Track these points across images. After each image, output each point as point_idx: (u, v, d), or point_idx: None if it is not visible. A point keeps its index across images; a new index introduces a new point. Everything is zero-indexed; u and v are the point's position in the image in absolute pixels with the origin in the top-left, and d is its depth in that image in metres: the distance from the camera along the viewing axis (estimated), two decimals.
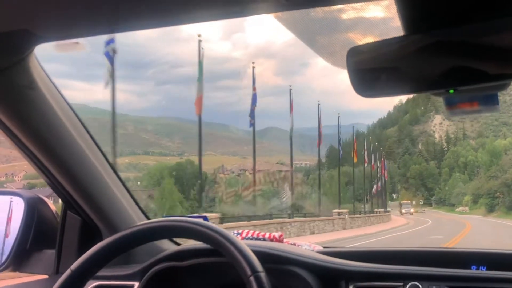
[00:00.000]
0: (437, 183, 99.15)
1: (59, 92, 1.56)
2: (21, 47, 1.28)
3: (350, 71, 1.06)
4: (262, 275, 1.17)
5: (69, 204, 1.76)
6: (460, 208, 79.19)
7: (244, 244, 1.23)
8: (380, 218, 44.49)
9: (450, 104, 1.21)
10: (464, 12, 0.97)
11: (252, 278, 1.16)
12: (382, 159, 61.41)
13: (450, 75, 0.99)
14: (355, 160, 48.32)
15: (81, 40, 1.41)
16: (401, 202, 77.97)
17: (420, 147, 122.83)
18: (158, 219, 1.34)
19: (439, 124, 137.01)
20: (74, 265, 1.25)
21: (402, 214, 63.51)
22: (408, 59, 1.03)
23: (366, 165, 52.91)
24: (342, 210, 34.13)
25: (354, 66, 1.07)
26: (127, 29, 1.16)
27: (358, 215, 39.63)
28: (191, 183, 54.50)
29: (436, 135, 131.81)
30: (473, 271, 1.53)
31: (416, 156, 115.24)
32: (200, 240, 1.30)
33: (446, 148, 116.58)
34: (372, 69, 1.08)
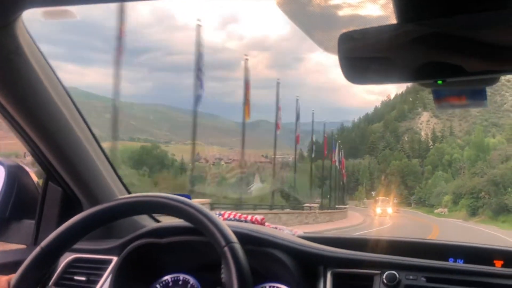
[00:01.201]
0: (419, 182, 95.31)
1: (46, 61, 1.58)
2: (8, 11, 1.30)
3: (341, 57, 1.08)
4: (237, 245, 1.22)
5: (50, 174, 1.79)
6: (439, 210, 69.92)
7: (218, 218, 1.28)
8: (307, 217, 32.26)
9: (439, 97, 1.25)
10: (458, 3, 0.98)
11: (226, 249, 1.20)
12: (338, 154, 58.75)
13: (440, 66, 1.01)
14: (312, 154, 50.29)
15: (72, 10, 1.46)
16: (377, 198, 67.71)
17: (405, 141, 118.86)
18: (136, 194, 1.38)
19: (426, 122, 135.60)
20: (44, 242, 1.27)
21: (377, 214, 52.41)
22: (400, 48, 1.05)
23: (324, 160, 54.90)
24: (202, 200, 21.73)
25: (345, 52, 1.08)
26: None
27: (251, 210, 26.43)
28: (155, 168, 55.23)
29: (422, 133, 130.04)
30: (450, 263, 1.60)
31: (398, 151, 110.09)
32: (175, 216, 1.34)
33: (432, 146, 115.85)
34: (363, 58, 1.10)
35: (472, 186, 61.12)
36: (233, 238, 1.23)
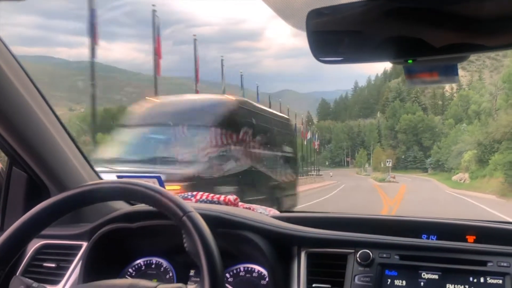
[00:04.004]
0: (437, 139, 72.72)
1: (2, 42, 1.57)
2: None
3: (309, 32, 1.09)
4: (194, 214, 1.24)
5: (14, 159, 1.77)
6: (457, 176, 43.64)
7: (170, 192, 1.31)
8: None
9: (410, 73, 1.25)
10: None
11: (184, 218, 1.22)
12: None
13: (410, 43, 1.03)
14: None
15: None
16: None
17: (426, 96, 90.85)
18: (99, 181, 1.41)
19: None
20: (10, 229, 1.24)
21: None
22: (370, 23, 1.05)
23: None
24: None
25: (313, 27, 1.10)
26: None
27: None
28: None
29: (447, 87, 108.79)
30: (423, 240, 1.62)
31: (411, 102, 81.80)
32: (135, 200, 1.40)
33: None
34: (332, 32, 1.11)
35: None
36: (190, 208, 1.23)
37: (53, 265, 1.72)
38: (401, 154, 76.85)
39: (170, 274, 1.71)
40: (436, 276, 1.46)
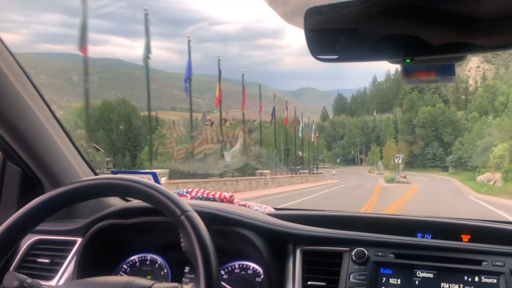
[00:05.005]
0: (459, 135, 65.73)
1: None
2: None
3: (307, 30, 1.12)
4: (192, 213, 1.25)
5: (8, 154, 1.77)
6: (484, 176, 35.62)
7: (169, 191, 1.33)
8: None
9: (407, 72, 1.25)
10: None
11: (182, 217, 1.23)
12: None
13: (408, 42, 1.03)
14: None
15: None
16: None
17: (448, 91, 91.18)
18: (95, 177, 1.38)
19: (476, 68, 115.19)
20: (4, 225, 1.25)
21: None
22: (367, 24, 1.06)
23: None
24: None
25: (311, 25, 1.12)
26: None
27: None
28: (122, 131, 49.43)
29: (471, 81, 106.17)
30: (418, 239, 1.65)
31: (431, 93, 74.19)
32: (132, 196, 1.38)
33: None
34: (330, 30, 1.12)
35: None
36: (188, 207, 1.23)
37: (47, 260, 1.72)
38: (419, 150, 70.46)
39: (165, 271, 1.72)
40: (431, 275, 1.47)
